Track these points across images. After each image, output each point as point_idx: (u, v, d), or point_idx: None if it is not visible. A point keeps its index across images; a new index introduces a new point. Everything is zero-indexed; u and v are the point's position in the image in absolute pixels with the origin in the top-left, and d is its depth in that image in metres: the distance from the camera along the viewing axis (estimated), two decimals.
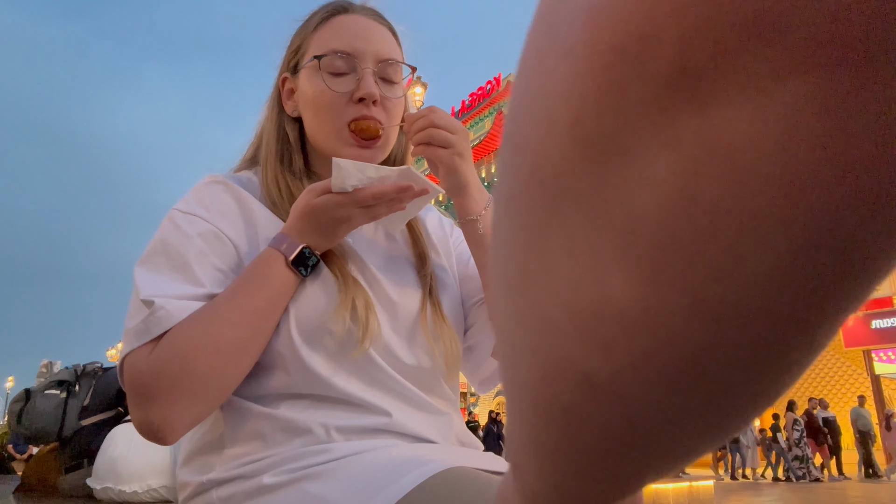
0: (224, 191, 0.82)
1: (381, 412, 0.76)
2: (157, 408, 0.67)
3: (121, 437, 2.74)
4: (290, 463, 0.70)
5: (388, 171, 0.75)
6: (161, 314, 0.69)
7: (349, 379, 0.76)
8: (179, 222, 0.77)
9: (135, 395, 0.68)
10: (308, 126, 0.88)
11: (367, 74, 0.83)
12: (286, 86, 0.90)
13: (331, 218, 0.74)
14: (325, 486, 0.67)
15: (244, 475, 0.71)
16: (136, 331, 0.70)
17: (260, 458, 0.71)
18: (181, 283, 0.73)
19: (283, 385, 0.75)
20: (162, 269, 0.74)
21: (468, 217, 0.84)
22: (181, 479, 0.78)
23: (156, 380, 0.67)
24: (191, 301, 0.72)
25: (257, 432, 0.73)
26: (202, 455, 0.77)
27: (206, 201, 0.80)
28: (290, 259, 0.74)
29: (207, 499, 0.73)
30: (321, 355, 0.75)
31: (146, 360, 0.69)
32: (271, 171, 0.86)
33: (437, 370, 0.84)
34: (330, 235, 0.76)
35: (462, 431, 0.84)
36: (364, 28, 0.85)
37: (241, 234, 0.79)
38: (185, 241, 0.75)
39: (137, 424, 0.69)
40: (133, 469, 2.68)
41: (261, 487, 0.69)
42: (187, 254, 0.75)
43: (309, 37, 0.87)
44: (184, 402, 0.68)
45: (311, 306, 0.76)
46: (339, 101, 0.83)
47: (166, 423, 0.67)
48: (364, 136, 0.82)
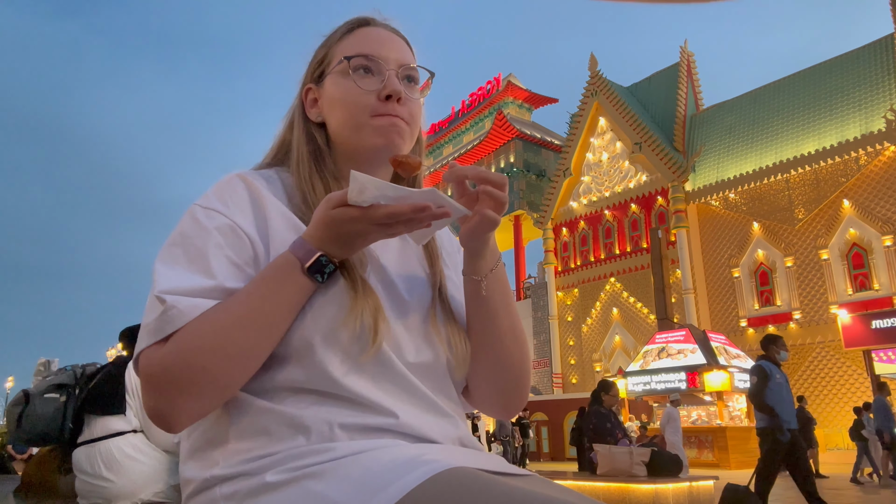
0: (243, 187, 0.85)
1: (388, 413, 0.77)
2: (165, 400, 0.72)
3: (85, 461, 2.72)
4: (293, 461, 0.71)
5: (408, 193, 0.74)
6: (173, 313, 0.73)
7: (360, 376, 0.77)
8: (199, 216, 0.81)
9: (147, 387, 0.73)
10: (334, 126, 0.91)
11: (391, 75, 0.89)
12: (310, 95, 0.95)
13: (347, 231, 0.75)
14: (327, 484, 0.67)
15: (247, 472, 0.72)
16: (150, 329, 0.74)
17: (263, 454, 0.72)
18: (196, 274, 0.76)
19: (292, 379, 0.76)
20: (178, 261, 0.77)
21: (474, 276, 0.87)
22: (184, 475, 0.79)
23: (165, 374, 0.72)
24: (203, 298, 0.74)
25: (262, 428, 0.74)
26: (205, 450, 0.78)
27: (225, 197, 0.83)
28: (307, 266, 0.76)
29: (211, 496, 0.74)
30: (335, 353, 0.77)
31: (157, 355, 0.73)
32: (305, 172, 0.89)
33: (447, 367, 0.86)
34: (347, 247, 0.77)
35: (465, 435, 0.85)
36: (386, 38, 0.92)
37: (254, 230, 0.82)
38: (202, 234, 0.79)
39: (148, 412, 0.74)
40: (117, 490, 2.67)
41: (264, 485, 0.70)
42: (204, 246, 0.78)
43: (334, 46, 0.93)
44: (191, 397, 0.72)
45: (326, 308, 0.78)
46: (367, 99, 0.88)
47: (173, 414, 0.73)
48: (404, 170, 0.83)
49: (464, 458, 0.72)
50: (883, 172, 19.00)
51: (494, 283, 0.88)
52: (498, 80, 36.98)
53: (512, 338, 0.90)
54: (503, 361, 0.90)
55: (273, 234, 0.81)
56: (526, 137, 33.14)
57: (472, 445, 0.85)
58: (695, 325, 19.63)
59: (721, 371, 16.26)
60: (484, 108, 36.62)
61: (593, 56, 26.38)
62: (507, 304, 0.90)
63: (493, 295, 0.88)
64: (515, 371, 0.91)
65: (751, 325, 21.15)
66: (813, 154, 20.07)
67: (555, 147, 32.64)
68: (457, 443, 0.83)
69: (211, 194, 0.84)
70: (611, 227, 25.11)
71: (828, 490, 10.33)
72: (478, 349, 0.90)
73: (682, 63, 25.26)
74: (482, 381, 0.91)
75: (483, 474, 0.68)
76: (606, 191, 25.46)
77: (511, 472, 0.77)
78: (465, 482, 0.64)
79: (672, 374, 16.94)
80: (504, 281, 0.90)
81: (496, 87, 36.87)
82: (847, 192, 19.57)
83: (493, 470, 0.73)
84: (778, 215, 20.93)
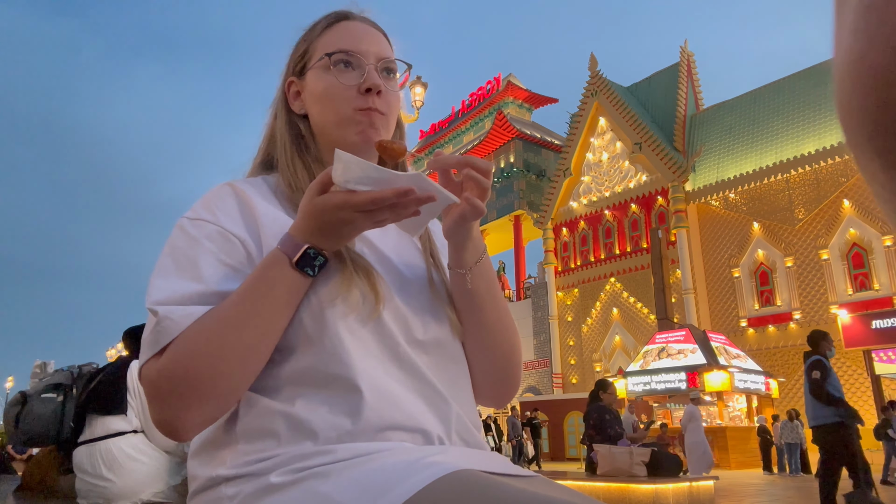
0: (229, 194, 0.86)
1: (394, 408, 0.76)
2: (170, 410, 0.73)
3: (86, 461, 2.72)
4: (298, 462, 0.71)
5: (391, 175, 0.73)
6: (166, 324, 0.73)
7: (366, 356, 0.78)
8: (187, 228, 0.82)
9: (151, 400, 0.74)
10: (316, 119, 0.93)
11: (371, 69, 0.91)
12: (292, 88, 0.96)
13: (331, 219, 0.75)
14: (332, 486, 0.68)
15: (253, 473, 0.72)
16: (147, 342, 0.75)
17: (270, 455, 0.73)
18: (187, 281, 0.77)
19: (301, 368, 0.76)
20: (169, 272, 0.78)
21: (459, 269, 0.88)
22: (191, 471, 0.80)
23: (165, 384, 0.73)
24: (195, 306, 0.75)
25: (271, 430, 0.74)
26: (214, 449, 0.78)
27: (212, 206, 0.84)
28: (295, 260, 0.76)
29: (216, 494, 0.74)
30: (339, 330, 0.77)
31: (156, 367, 0.73)
32: (289, 156, 0.92)
33: (455, 343, 0.88)
34: (334, 236, 0.77)
35: (468, 429, 0.84)
36: (365, 32, 0.94)
37: (245, 231, 0.83)
38: (192, 244, 0.80)
39: (156, 424, 0.75)
40: (117, 490, 2.67)
41: (268, 486, 0.70)
42: (194, 254, 0.79)
43: (315, 41, 0.94)
44: (194, 404, 0.72)
45: (317, 286, 0.79)
46: (348, 93, 0.90)
47: (179, 423, 0.73)
48: (389, 156, 0.84)
49: (468, 459, 0.72)
50: None
51: (479, 275, 0.88)
52: (498, 80, 36.97)
53: (500, 329, 0.91)
54: (492, 352, 0.91)
55: (265, 233, 0.82)
56: (526, 137, 33.14)
57: (475, 443, 0.84)
58: (695, 325, 19.64)
59: (721, 371, 16.26)
60: (484, 108, 36.62)
61: (593, 56, 26.39)
62: (494, 296, 0.90)
63: (478, 287, 0.88)
64: (505, 361, 0.93)
65: (751, 325, 21.16)
66: (813, 154, 20.08)
67: (555, 147, 32.64)
68: (460, 433, 0.83)
69: (198, 206, 0.85)
70: (611, 227, 25.12)
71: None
72: (467, 342, 0.90)
73: (682, 63, 25.27)
74: (472, 373, 0.92)
75: (488, 476, 0.68)
76: (606, 191, 25.47)
77: (515, 473, 0.77)
78: (469, 485, 0.65)
79: (672, 374, 16.95)
80: (490, 273, 0.90)
81: (496, 87, 36.86)
82: (847, 192, 19.58)
83: (498, 471, 0.73)
84: (778, 215, 20.94)
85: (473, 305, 0.89)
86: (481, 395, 0.95)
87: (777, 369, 19.70)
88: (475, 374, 0.92)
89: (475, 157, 0.81)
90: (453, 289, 0.90)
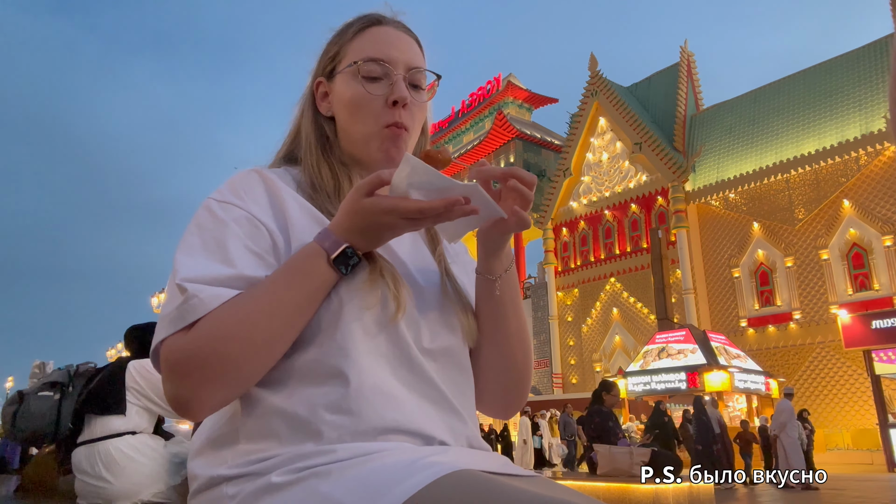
0: (258, 182, 0.86)
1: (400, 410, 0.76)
2: (188, 387, 0.72)
3: (85, 461, 2.72)
4: (298, 462, 0.71)
5: (453, 185, 0.74)
6: (194, 302, 0.73)
7: (377, 357, 0.78)
8: (214, 209, 0.82)
9: (169, 375, 0.73)
10: (343, 125, 0.94)
11: (399, 80, 0.90)
12: (320, 89, 0.96)
13: (375, 222, 0.76)
14: (332, 485, 0.68)
15: (254, 472, 0.72)
16: (170, 318, 0.74)
17: (271, 455, 0.73)
18: (215, 263, 0.76)
19: (306, 361, 0.76)
20: (196, 251, 0.78)
21: (489, 276, 0.88)
22: (192, 470, 0.80)
23: (190, 362, 0.72)
24: (223, 288, 0.75)
25: (272, 430, 0.75)
26: (215, 448, 0.78)
27: (240, 190, 0.84)
28: (333, 257, 0.76)
29: (217, 493, 0.74)
30: (355, 326, 0.77)
31: (181, 343, 0.72)
32: (314, 158, 0.92)
33: (463, 354, 0.88)
34: (374, 238, 0.78)
35: (473, 435, 0.85)
36: (396, 39, 0.93)
37: (273, 220, 0.83)
38: (219, 226, 0.79)
39: (169, 399, 0.74)
40: (116, 490, 2.67)
41: (269, 486, 0.70)
42: (222, 236, 0.78)
43: (346, 45, 0.94)
44: (214, 384, 0.72)
45: (347, 285, 0.79)
46: (375, 104, 0.90)
47: (195, 402, 0.73)
48: (435, 164, 0.82)
49: (469, 459, 0.73)
50: (883, 172, 19.01)
51: (507, 283, 0.89)
52: (498, 80, 37.01)
53: (519, 339, 0.92)
54: (508, 361, 0.92)
55: (292, 223, 0.82)
56: (526, 137, 33.16)
57: (479, 446, 0.85)
58: (695, 326, 19.65)
59: (721, 371, 16.26)
60: (484, 108, 36.65)
61: (593, 56, 26.39)
62: (517, 305, 0.91)
63: (504, 295, 0.89)
64: (519, 371, 0.93)
65: (751, 326, 21.17)
66: (813, 154, 20.09)
67: (555, 147, 32.67)
68: (465, 442, 0.83)
69: (225, 188, 0.85)
70: (611, 227, 25.12)
71: (827, 490, 10.34)
72: (485, 348, 0.91)
73: (682, 63, 25.27)
74: (486, 380, 0.92)
75: (488, 476, 0.68)
76: (606, 191, 25.48)
77: (516, 473, 0.77)
78: (470, 484, 0.65)
79: (672, 374, 16.95)
80: (515, 282, 0.91)
81: (496, 87, 36.90)
82: (847, 192, 19.58)
83: (499, 471, 0.74)
84: (778, 215, 20.95)
85: (497, 313, 0.89)
86: (490, 404, 0.95)
87: (777, 369, 19.70)
88: (487, 382, 0.92)
89: (520, 168, 0.81)
90: (479, 294, 0.90)
